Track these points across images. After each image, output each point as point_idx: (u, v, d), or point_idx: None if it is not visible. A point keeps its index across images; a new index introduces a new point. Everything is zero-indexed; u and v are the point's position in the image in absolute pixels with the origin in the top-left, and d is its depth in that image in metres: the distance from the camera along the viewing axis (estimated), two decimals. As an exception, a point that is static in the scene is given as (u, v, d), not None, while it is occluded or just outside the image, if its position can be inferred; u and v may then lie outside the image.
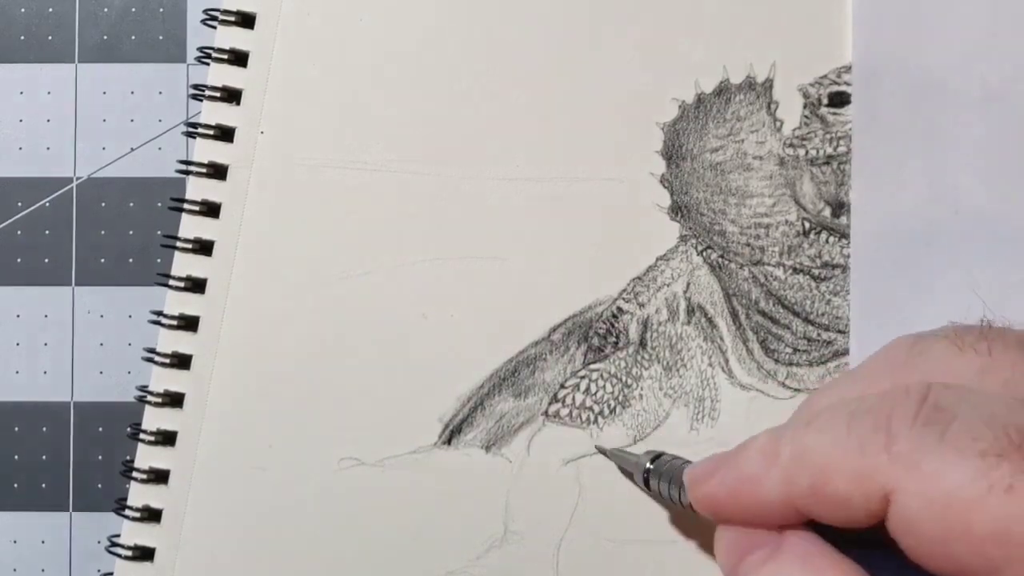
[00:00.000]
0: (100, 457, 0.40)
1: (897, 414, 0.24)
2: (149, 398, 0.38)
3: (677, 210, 0.37)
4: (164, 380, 0.38)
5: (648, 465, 0.34)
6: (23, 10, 0.41)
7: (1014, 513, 0.22)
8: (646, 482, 0.34)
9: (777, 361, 0.37)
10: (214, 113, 0.38)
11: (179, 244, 0.38)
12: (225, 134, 0.38)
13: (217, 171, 0.38)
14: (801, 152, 0.37)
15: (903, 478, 0.23)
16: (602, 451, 0.37)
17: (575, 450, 0.37)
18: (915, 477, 0.23)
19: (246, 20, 0.38)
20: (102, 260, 0.41)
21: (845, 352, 0.37)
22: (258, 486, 0.37)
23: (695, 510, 0.30)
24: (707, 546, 0.36)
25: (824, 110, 0.37)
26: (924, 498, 0.23)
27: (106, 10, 0.41)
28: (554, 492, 0.37)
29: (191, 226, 0.38)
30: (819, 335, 0.37)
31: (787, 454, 0.26)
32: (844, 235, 0.37)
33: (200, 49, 0.38)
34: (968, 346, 0.26)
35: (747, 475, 0.27)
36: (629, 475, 0.36)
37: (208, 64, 0.38)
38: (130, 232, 0.41)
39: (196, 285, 0.38)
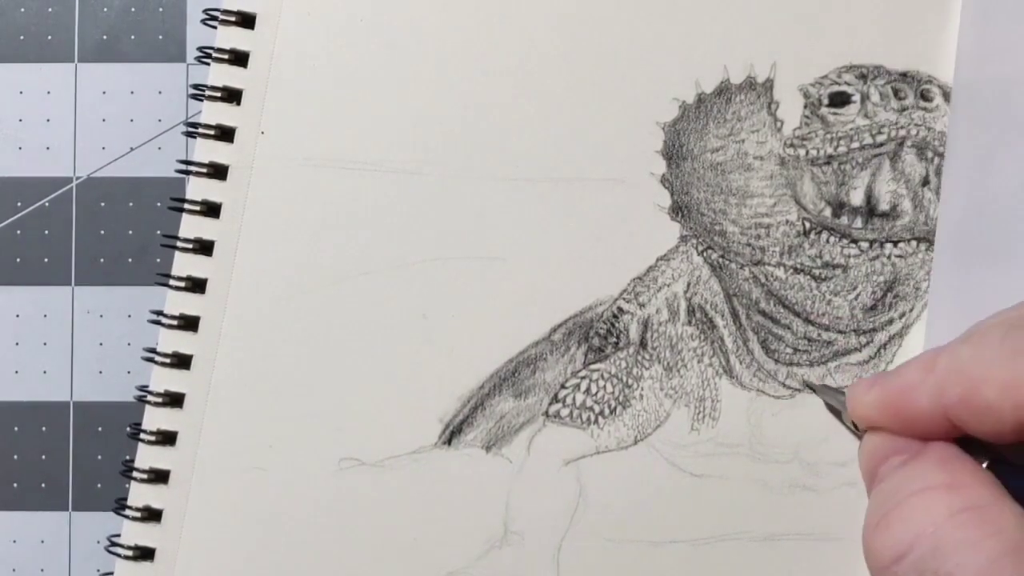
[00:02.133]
0: (100, 457, 0.40)
1: None
2: (149, 398, 0.38)
3: (678, 210, 0.37)
4: (164, 380, 0.38)
5: None
6: (23, 10, 0.41)
7: None
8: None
9: (778, 361, 0.37)
10: (214, 113, 0.38)
11: (179, 244, 0.38)
12: (225, 134, 0.38)
13: (217, 171, 0.38)
14: (802, 152, 0.37)
15: None
16: (810, 386, 0.36)
17: (575, 450, 0.37)
18: None
19: (246, 20, 0.38)
20: (102, 260, 0.41)
21: (845, 352, 0.37)
22: (258, 486, 0.37)
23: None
24: (707, 546, 0.37)
25: (824, 110, 0.37)
26: None
27: (106, 10, 0.41)
28: (554, 492, 0.37)
29: (191, 226, 0.38)
30: (819, 335, 0.37)
31: (943, 365, 0.26)
32: (844, 235, 0.37)
33: (200, 49, 0.38)
34: None
35: (904, 384, 0.27)
36: (836, 413, 0.36)
37: (208, 64, 0.38)
38: (130, 232, 0.41)
39: (196, 285, 0.38)
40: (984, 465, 0.26)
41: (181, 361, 0.38)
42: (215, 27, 0.38)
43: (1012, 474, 0.26)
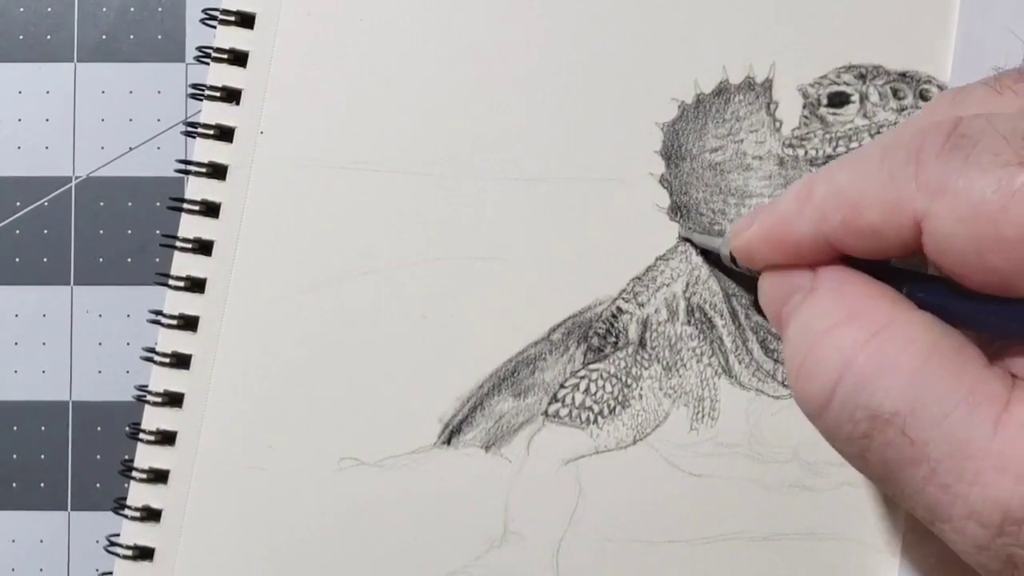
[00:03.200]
0: (99, 457, 0.40)
1: (926, 145, 0.24)
2: (149, 398, 0.38)
3: (677, 210, 0.37)
4: (164, 380, 0.38)
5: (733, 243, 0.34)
6: (22, 10, 0.41)
7: None
8: (733, 259, 0.34)
9: (777, 361, 0.37)
10: (214, 113, 0.38)
11: (179, 244, 0.38)
12: (225, 134, 0.38)
13: (217, 171, 0.38)
14: (800, 152, 0.37)
15: (932, 203, 0.24)
16: (686, 238, 0.36)
17: (575, 450, 0.37)
18: (943, 199, 0.23)
19: (246, 20, 0.38)
20: (101, 259, 0.41)
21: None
22: (258, 486, 0.37)
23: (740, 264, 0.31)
24: (706, 546, 0.37)
25: (823, 110, 0.37)
26: (954, 217, 0.23)
27: (105, 10, 0.41)
28: (554, 492, 0.37)
29: (190, 226, 0.38)
30: (818, 335, 0.37)
31: (820, 192, 0.26)
32: (843, 235, 0.37)
33: (199, 49, 0.38)
34: (1006, 88, 0.26)
35: (782, 215, 0.27)
36: (714, 259, 0.36)
37: (207, 64, 0.38)
38: (129, 231, 0.41)
39: (196, 285, 0.38)
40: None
41: (180, 361, 0.38)
42: (214, 27, 0.38)
43: (903, 280, 0.26)
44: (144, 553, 0.38)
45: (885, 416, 0.24)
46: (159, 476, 0.38)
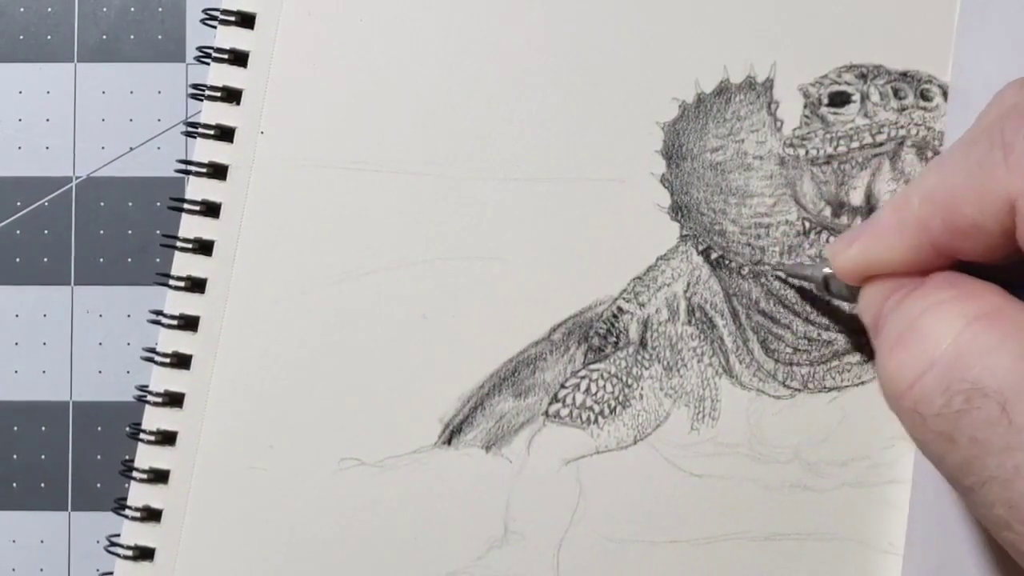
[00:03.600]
0: (99, 457, 0.40)
1: (1008, 127, 0.24)
2: (149, 398, 0.38)
3: (677, 210, 0.37)
4: (164, 380, 0.38)
5: (826, 270, 0.34)
6: (23, 10, 0.41)
7: None
8: (826, 286, 0.34)
9: (777, 361, 0.37)
10: (214, 113, 0.38)
11: (179, 244, 0.38)
12: (225, 134, 0.38)
13: (217, 171, 0.38)
14: (801, 152, 0.37)
15: (1022, 182, 0.23)
16: (783, 271, 0.36)
17: (576, 450, 0.37)
18: None
19: (246, 20, 0.38)
20: (101, 259, 0.41)
21: (846, 352, 0.37)
22: (258, 486, 0.37)
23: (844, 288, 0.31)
24: (707, 546, 0.37)
25: (824, 110, 0.37)
26: None
27: (105, 10, 0.41)
28: (555, 492, 0.37)
29: (191, 226, 0.38)
30: (819, 335, 0.37)
31: (916, 201, 0.26)
32: (844, 235, 0.37)
33: (200, 49, 0.38)
34: None
35: (883, 230, 0.27)
36: (807, 290, 0.36)
37: (208, 64, 0.38)
38: (129, 232, 0.41)
39: (196, 285, 0.38)
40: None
41: (181, 361, 0.38)
42: (215, 27, 0.38)
43: (1015, 286, 0.25)
44: (144, 553, 0.38)
45: (987, 391, 0.23)
46: (159, 476, 0.38)
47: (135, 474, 0.38)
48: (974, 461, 0.23)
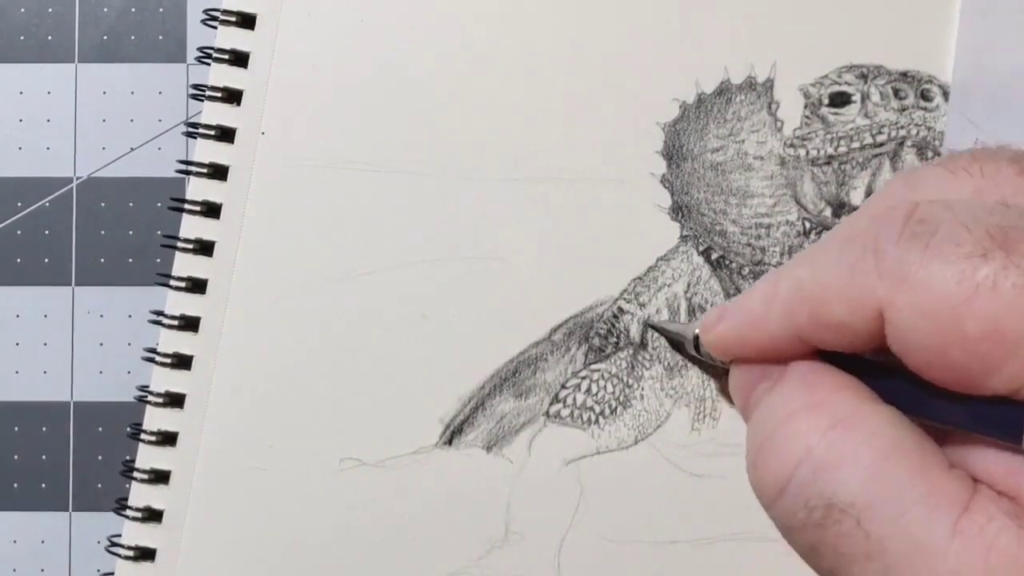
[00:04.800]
0: (100, 457, 0.40)
1: (884, 232, 0.24)
2: (150, 398, 0.38)
3: (678, 210, 0.37)
4: (165, 380, 0.38)
5: (696, 331, 0.34)
6: (23, 10, 0.41)
7: (1003, 309, 0.22)
8: (696, 347, 0.34)
9: (778, 361, 0.37)
10: (215, 114, 0.38)
11: (180, 244, 0.38)
12: (226, 134, 0.38)
13: (218, 172, 0.38)
14: (802, 152, 0.37)
15: (893, 294, 0.23)
16: (651, 325, 0.37)
17: (576, 450, 0.37)
18: (904, 290, 0.23)
19: (246, 20, 0.38)
20: (102, 260, 0.41)
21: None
22: (259, 486, 0.37)
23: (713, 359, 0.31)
24: (707, 546, 0.37)
25: (825, 110, 0.37)
26: (915, 309, 0.23)
27: (106, 10, 0.41)
28: (555, 492, 0.37)
29: (192, 226, 0.38)
30: (820, 335, 0.37)
31: (784, 288, 0.26)
32: (845, 235, 0.37)
33: (200, 49, 0.38)
34: (960, 169, 0.26)
35: (752, 313, 0.27)
36: (678, 346, 0.36)
37: (208, 64, 0.38)
38: (130, 232, 0.41)
39: (197, 285, 0.38)
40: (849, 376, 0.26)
41: (181, 361, 0.38)
42: (215, 27, 0.38)
43: (877, 374, 0.26)
44: (145, 554, 0.38)
45: (841, 506, 0.23)
46: (160, 477, 0.38)
47: (136, 474, 0.38)
48: (839, 570, 0.24)
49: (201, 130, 0.38)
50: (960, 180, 0.25)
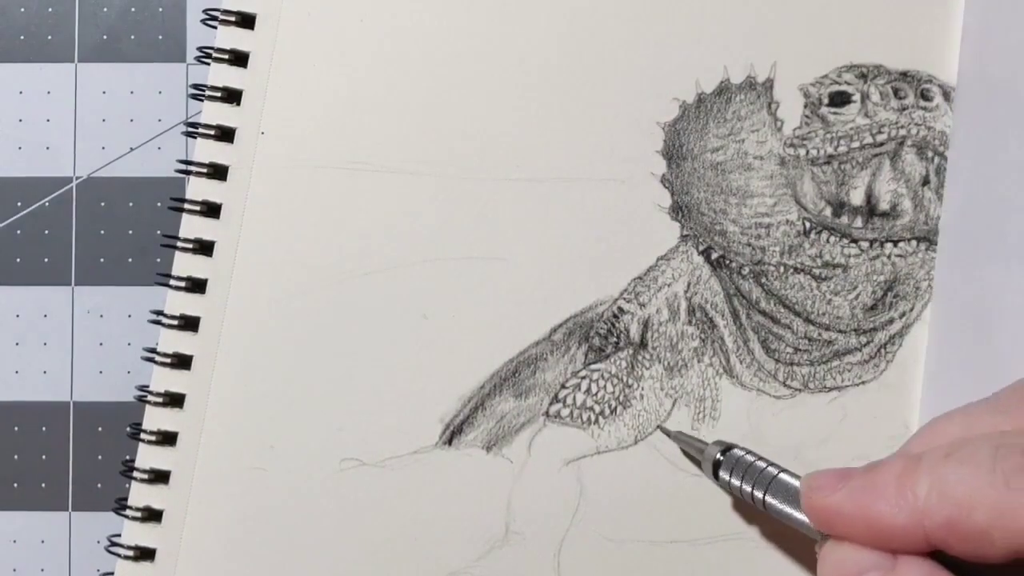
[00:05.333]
0: (100, 457, 0.40)
1: None
2: (150, 398, 0.38)
3: (678, 210, 0.37)
4: (165, 380, 0.38)
5: (718, 456, 0.34)
6: (23, 10, 0.41)
7: None
8: (714, 472, 0.34)
9: (778, 361, 0.37)
10: (214, 113, 0.38)
11: (179, 244, 0.38)
12: (225, 134, 0.38)
13: (217, 171, 0.38)
14: (802, 152, 0.37)
15: None
16: (666, 432, 0.37)
17: (576, 450, 0.37)
18: None
19: (246, 20, 0.38)
20: (102, 260, 0.41)
21: (846, 352, 0.37)
22: (259, 486, 0.37)
23: (771, 509, 0.30)
24: (707, 546, 0.37)
25: (824, 110, 0.37)
26: None
27: (106, 10, 0.41)
28: (555, 492, 0.37)
29: (192, 226, 0.38)
30: (820, 335, 0.37)
31: (926, 484, 0.25)
32: (844, 235, 0.37)
33: (200, 49, 0.38)
34: None
35: (880, 496, 0.26)
36: (693, 460, 0.36)
37: (208, 64, 0.38)
38: (130, 232, 0.41)
39: (197, 285, 0.38)
40: None
41: (181, 361, 0.38)
42: (215, 27, 0.38)
43: None
44: (145, 553, 0.38)
45: None
46: (160, 476, 0.38)
47: (136, 474, 0.38)
48: None
49: (201, 130, 0.38)
50: None
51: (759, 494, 0.32)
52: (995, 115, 0.35)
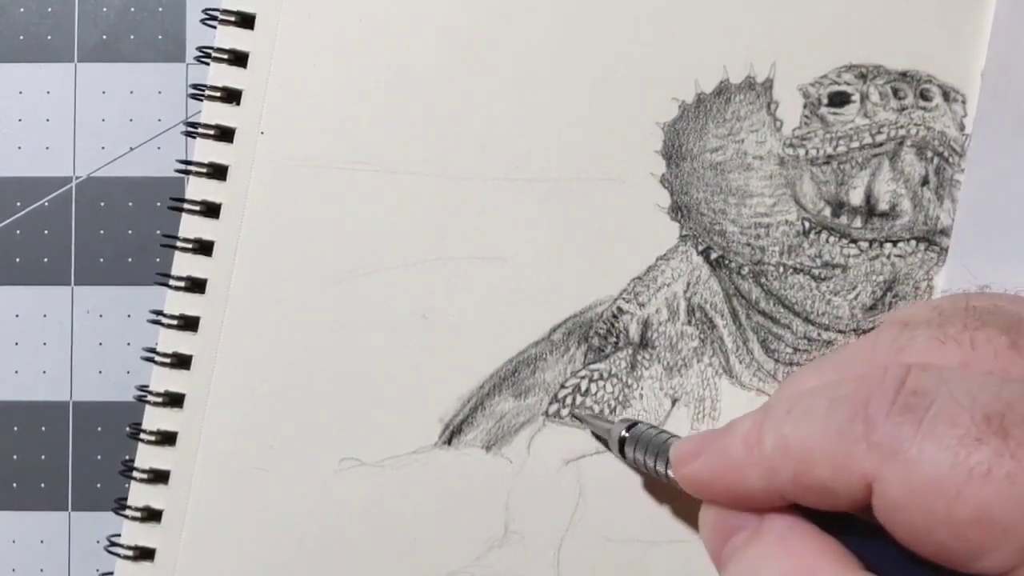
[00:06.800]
0: (99, 457, 0.40)
1: (874, 401, 0.24)
2: (149, 398, 0.38)
3: (677, 210, 0.37)
4: (165, 380, 0.38)
5: (623, 433, 0.35)
6: (23, 10, 0.41)
7: (994, 497, 0.22)
8: (621, 449, 0.34)
9: (777, 361, 0.37)
10: (214, 113, 0.38)
11: (179, 244, 0.38)
12: (225, 134, 0.38)
13: (217, 171, 0.38)
14: (801, 152, 0.37)
15: (883, 467, 0.23)
16: (577, 416, 0.37)
17: (575, 450, 0.37)
18: (894, 466, 0.23)
19: (246, 20, 0.38)
20: (101, 259, 0.41)
21: (845, 352, 0.37)
22: (259, 486, 0.37)
23: (672, 481, 0.31)
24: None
25: (824, 110, 0.37)
26: (905, 486, 0.23)
27: (105, 10, 0.41)
28: (554, 492, 0.37)
29: (191, 226, 0.38)
30: (819, 335, 0.37)
31: (769, 443, 0.26)
32: (844, 235, 0.37)
33: (200, 49, 0.38)
34: (950, 338, 0.26)
35: (731, 461, 0.27)
36: (603, 441, 0.36)
37: (208, 64, 0.38)
38: (129, 232, 0.41)
39: (196, 285, 0.38)
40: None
41: (181, 361, 0.38)
42: (215, 27, 0.38)
43: (856, 534, 0.25)
44: (145, 553, 0.38)
45: None
46: (160, 476, 0.38)
47: (135, 474, 0.38)
48: None
49: (200, 130, 0.38)
50: (949, 350, 0.25)
51: (661, 468, 0.32)
52: (1018, 116, 0.35)
